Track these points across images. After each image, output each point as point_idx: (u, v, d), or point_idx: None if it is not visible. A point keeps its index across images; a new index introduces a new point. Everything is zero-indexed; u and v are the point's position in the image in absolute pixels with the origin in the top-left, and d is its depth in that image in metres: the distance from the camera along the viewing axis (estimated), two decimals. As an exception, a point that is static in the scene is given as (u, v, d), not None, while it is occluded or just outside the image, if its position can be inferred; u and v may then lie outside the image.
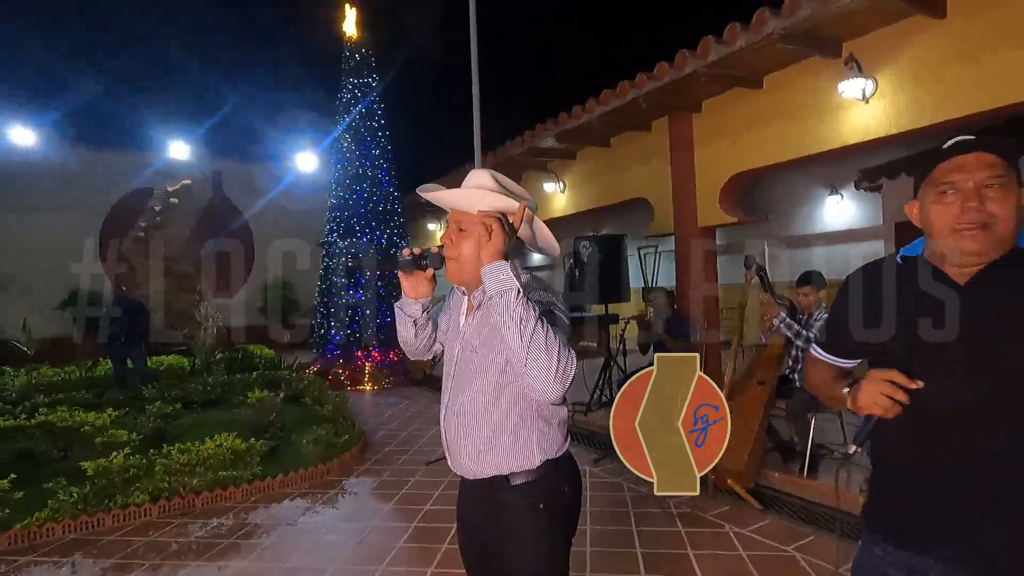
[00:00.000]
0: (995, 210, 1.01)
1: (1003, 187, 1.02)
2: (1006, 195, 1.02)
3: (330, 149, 10.41)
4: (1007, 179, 1.02)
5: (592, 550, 3.00)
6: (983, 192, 1.02)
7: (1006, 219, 1.01)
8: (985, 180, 1.02)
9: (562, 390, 1.24)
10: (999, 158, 1.03)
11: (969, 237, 1.03)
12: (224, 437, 4.22)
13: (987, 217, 1.01)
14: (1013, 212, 1.02)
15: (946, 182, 1.06)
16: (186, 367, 8.54)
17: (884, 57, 4.26)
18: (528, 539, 1.39)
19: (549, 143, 7.30)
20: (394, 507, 3.78)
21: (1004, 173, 1.02)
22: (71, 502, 3.52)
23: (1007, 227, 1.02)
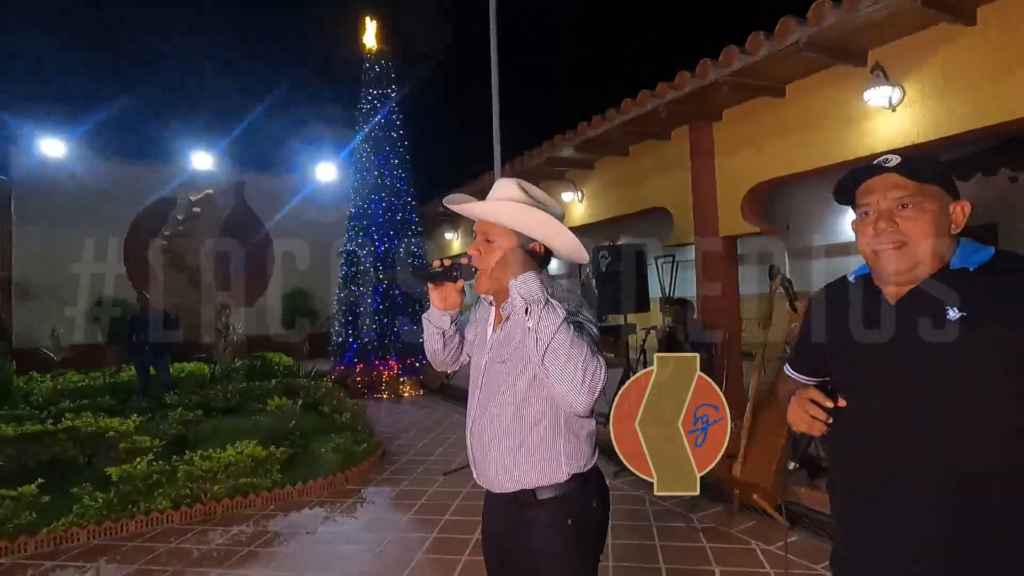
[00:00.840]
0: (908, 229, 1.04)
1: (916, 207, 1.03)
2: (919, 214, 1.03)
3: (349, 159, 10.55)
4: (919, 199, 1.03)
5: (615, 565, 2.94)
6: (897, 212, 1.05)
7: (920, 238, 1.03)
8: (895, 201, 1.05)
9: (591, 400, 1.23)
10: (908, 179, 1.04)
11: (884, 257, 1.06)
12: (245, 444, 4.25)
13: (901, 236, 1.04)
14: (929, 231, 1.03)
15: (862, 204, 1.11)
16: (207, 374, 8.65)
17: (911, 65, 4.19)
18: (555, 556, 1.36)
19: (568, 153, 7.30)
20: (413, 517, 3.76)
21: (914, 193, 1.03)
22: (96, 507, 3.56)
23: (923, 246, 1.03)
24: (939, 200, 1.05)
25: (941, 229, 1.05)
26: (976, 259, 1.04)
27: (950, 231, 1.07)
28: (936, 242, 1.04)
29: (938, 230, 1.04)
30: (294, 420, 5.25)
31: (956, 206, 1.07)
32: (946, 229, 1.06)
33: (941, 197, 1.06)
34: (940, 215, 1.05)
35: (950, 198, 1.07)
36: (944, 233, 1.05)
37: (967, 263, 1.04)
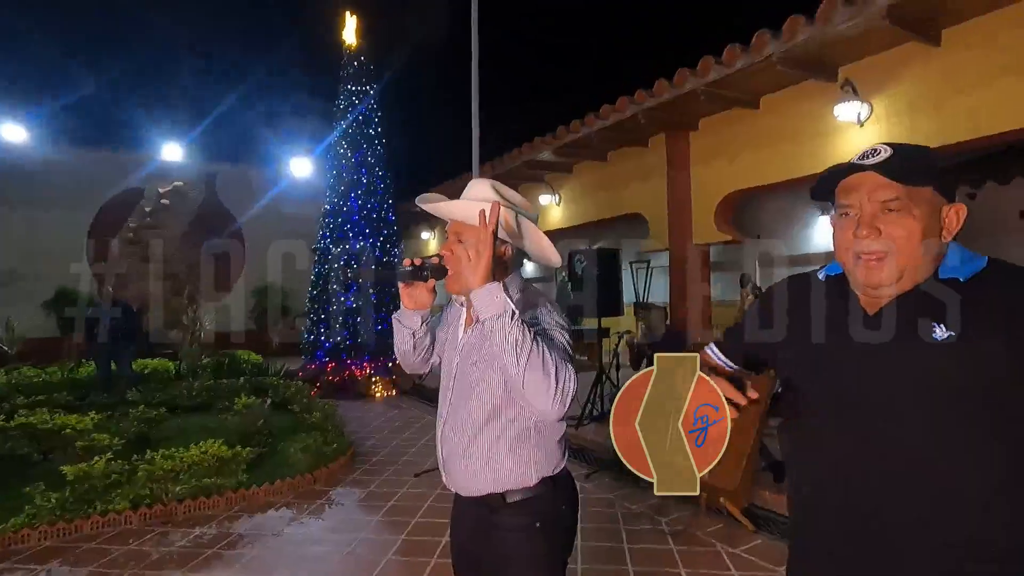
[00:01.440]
0: (892, 237, 0.91)
1: (903, 212, 0.91)
2: (904, 221, 0.91)
3: (325, 155, 10.39)
4: (907, 203, 0.91)
5: (584, 567, 2.96)
6: (881, 217, 0.92)
7: (906, 248, 0.91)
8: (880, 205, 0.92)
9: (563, 410, 1.22)
10: (896, 182, 0.91)
11: (863, 267, 0.94)
12: (209, 444, 4.14)
13: (885, 246, 0.92)
14: (916, 239, 0.90)
15: (843, 203, 0.97)
16: (171, 371, 8.41)
17: (879, 83, 4.34)
18: (524, 559, 1.36)
19: (546, 156, 7.34)
20: (382, 519, 3.72)
21: (901, 197, 0.91)
22: (49, 508, 3.42)
23: (907, 257, 0.91)
24: (931, 204, 0.92)
25: (931, 236, 0.92)
26: (968, 269, 0.92)
27: (941, 237, 0.93)
28: (924, 251, 0.92)
29: (927, 237, 0.91)
30: (262, 419, 5.14)
31: (950, 210, 0.94)
32: (936, 236, 0.93)
33: (933, 200, 0.93)
34: (931, 221, 0.92)
35: (944, 200, 0.94)
36: (934, 240, 0.92)
37: (958, 273, 0.92)
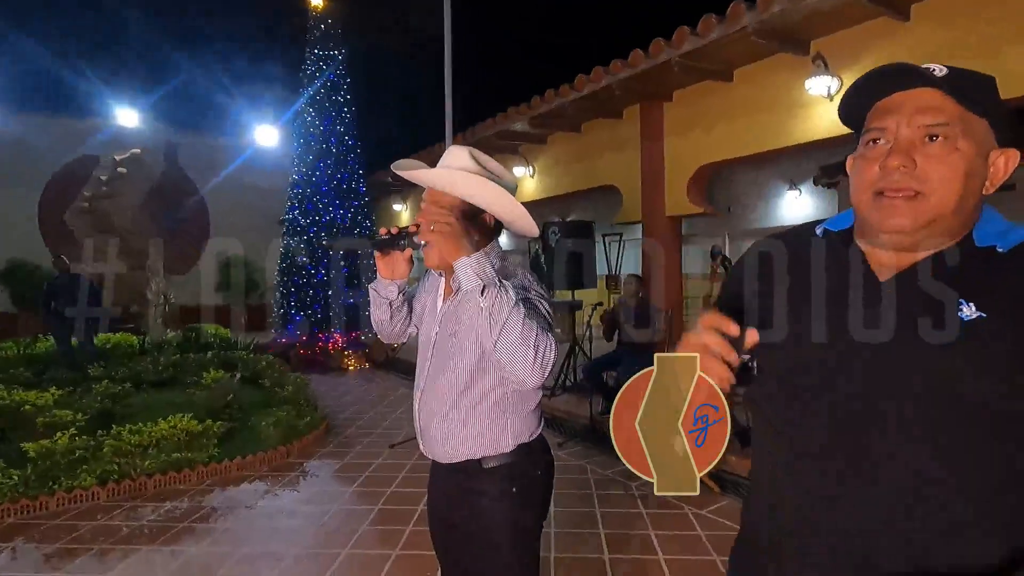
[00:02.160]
0: (929, 173, 0.72)
1: (946, 143, 0.72)
2: (950, 155, 0.71)
3: (292, 123, 10.04)
4: (954, 132, 0.71)
5: (557, 531, 3.04)
6: (920, 147, 0.73)
7: (943, 188, 0.71)
8: (923, 130, 0.73)
9: (542, 378, 1.22)
10: (952, 99, 0.72)
11: (888, 207, 0.74)
12: (178, 418, 4.06)
13: (917, 182, 0.72)
14: (958, 180, 0.71)
15: (873, 128, 0.77)
16: (135, 346, 8.18)
17: (849, 57, 4.38)
18: (500, 524, 1.38)
19: (520, 127, 7.25)
20: (357, 490, 3.74)
21: (952, 123, 0.72)
22: (11, 485, 3.33)
23: (946, 199, 0.72)
24: (982, 141, 0.73)
25: (974, 182, 0.73)
26: (1010, 238, 0.73)
27: (982, 189, 0.75)
28: (963, 199, 0.72)
29: (970, 182, 0.72)
30: (232, 394, 5.06)
31: (1000, 154, 0.75)
32: (981, 184, 0.74)
33: (985, 137, 0.74)
34: (977, 162, 0.73)
35: (994, 141, 0.75)
36: (976, 189, 0.74)
37: (998, 241, 0.73)
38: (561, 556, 2.81)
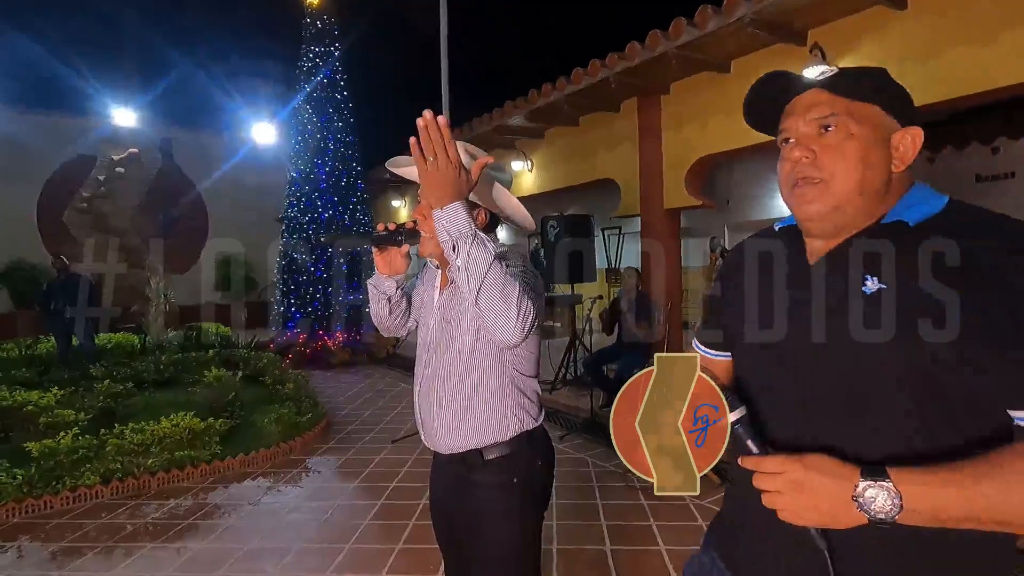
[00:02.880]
0: (826, 161, 0.79)
1: (840, 130, 0.78)
2: (844, 142, 0.78)
3: (290, 120, 10.02)
4: (843, 121, 0.78)
5: (559, 523, 3.06)
6: (817, 138, 0.80)
7: (841, 173, 0.78)
8: (816, 124, 0.80)
9: (524, 335, 1.16)
10: (833, 94, 0.80)
11: (798, 196, 0.81)
12: (181, 416, 4.08)
13: (818, 171, 0.79)
14: (855, 164, 0.77)
15: (781, 130, 0.86)
16: (136, 345, 8.19)
17: (847, 46, 4.37)
18: (501, 515, 1.39)
19: (518, 121, 7.23)
20: (359, 485, 3.76)
21: (838, 113, 0.79)
22: (15, 485, 3.35)
23: (844, 185, 0.78)
24: (876, 124, 0.79)
25: (875, 163, 0.78)
26: (919, 211, 0.77)
27: (890, 168, 0.79)
28: (865, 182, 0.78)
29: (868, 164, 0.78)
30: (233, 392, 5.07)
31: (903, 134, 0.79)
32: (883, 164, 0.79)
33: (881, 121, 0.79)
34: (875, 144, 0.78)
35: (896, 123, 0.80)
36: (879, 169, 0.78)
37: (905, 216, 0.78)
38: (563, 548, 2.83)
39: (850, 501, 0.69)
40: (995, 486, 0.64)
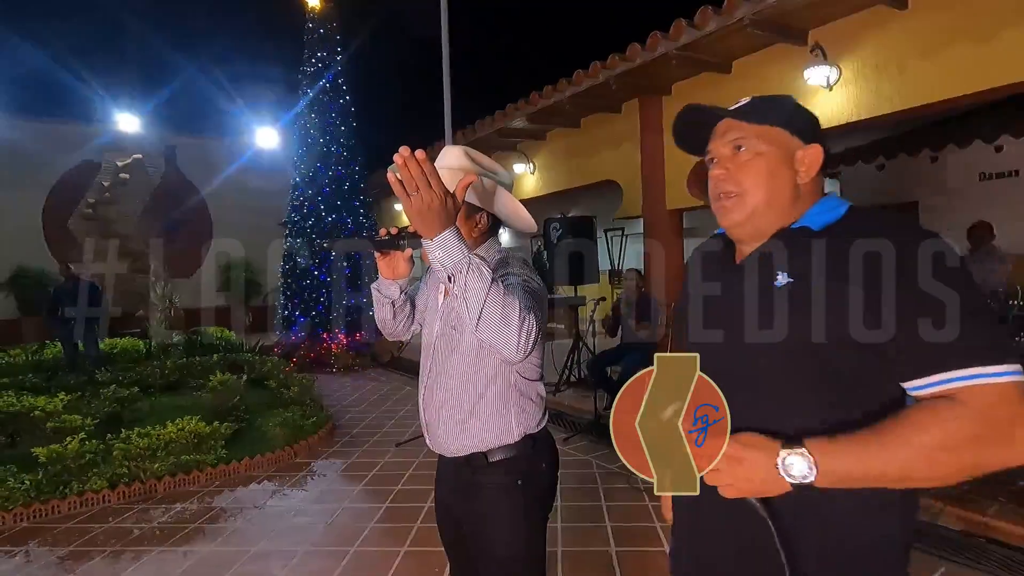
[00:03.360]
0: (739, 176, 0.93)
1: (750, 150, 0.92)
2: (753, 159, 0.92)
3: (292, 125, 10.07)
4: (752, 143, 0.92)
5: (564, 525, 3.06)
6: (732, 158, 0.94)
7: (752, 186, 0.92)
8: (731, 145, 0.95)
9: (527, 350, 1.16)
10: (741, 121, 0.95)
11: (718, 208, 0.96)
12: (187, 421, 4.10)
13: (735, 185, 0.93)
14: (762, 178, 0.91)
15: (707, 152, 1.00)
16: (141, 350, 8.23)
17: (848, 45, 4.37)
18: (506, 517, 1.40)
19: (519, 123, 7.25)
20: (364, 488, 3.77)
21: (748, 136, 0.93)
22: (23, 490, 3.37)
23: (756, 195, 0.91)
24: (781, 144, 0.93)
25: (780, 177, 0.92)
26: (823, 218, 0.90)
27: (796, 181, 0.93)
28: (773, 193, 0.91)
29: (775, 177, 0.91)
30: (238, 396, 5.09)
31: (803, 152, 0.93)
32: (789, 178, 0.92)
33: (785, 142, 0.93)
34: (780, 160, 0.92)
35: (799, 143, 0.93)
36: (785, 182, 0.92)
37: (811, 222, 0.90)
38: (568, 550, 2.83)
39: (775, 469, 0.78)
40: (892, 447, 0.75)
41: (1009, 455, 0.73)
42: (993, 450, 0.73)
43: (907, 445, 0.74)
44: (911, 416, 0.77)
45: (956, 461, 0.74)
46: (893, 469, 0.75)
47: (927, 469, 0.75)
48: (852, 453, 0.76)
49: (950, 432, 0.73)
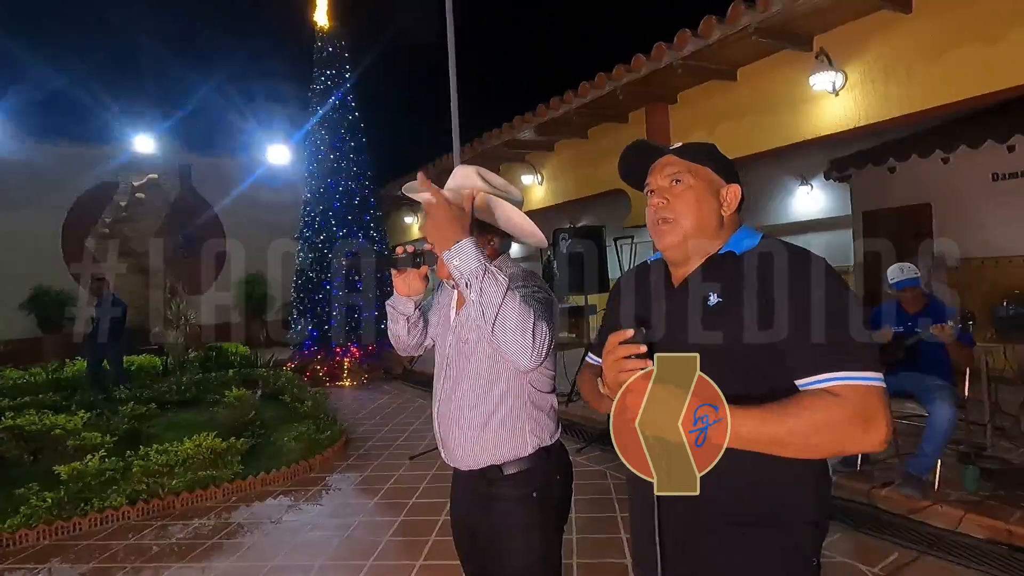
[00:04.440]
0: (675, 205, 1.07)
1: (683, 183, 1.07)
2: (686, 191, 1.07)
3: (303, 141, 10.21)
4: (687, 177, 1.07)
5: (579, 537, 3.05)
6: (669, 189, 1.08)
7: (685, 214, 1.06)
8: (669, 178, 1.09)
9: (540, 360, 1.21)
10: (678, 157, 1.10)
11: (656, 232, 1.09)
12: (203, 437, 4.15)
13: (671, 212, 1.07)
14: (693, 207, 1.06)
15: (647, 183, 1.14)
16: (159, 367, 8.34)
17: (853, 51, 4.37)
18: (521, 529, 1.41)
19: (527, 135, 7.30)
20: (379, 502, 3.78)
21: (683, 171, 1.08)
22: (45, 507, 3.43)
23: (689, 223, 1.06)
24: (709, 181, 1.09)
25: (708, 208, 1.07)
26: (742, 244, 1.06)
27: (721, 213, 1.09)
28: (702, 220, 1.06)
29: (704, 208, 1.07)
30: (253, 411, 5.14)
31: (726, 189, 1.09)
32: (715, 209, 1.08)
33: (712, 179, 1.09)
34: (708, 194, 1.08)
35: (722, 181, 1.10)
36: (711, 213, 1.07)
37: (735, 248, 1.06)
38: (584, 561, 2.82)
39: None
40: (787, 417, 0.88)
41: (865, 440, 0.88)
42: (857, 433, 0.88)
43: (797, 417, 0.88)
44: (803, 398, 0.91)
45: (829, 436, 0.88)
46: (783, 433, 0.88)
47: (808, 437, 0.88)
48: (756, 417, 0.89)
49: (832, 413, 0.88)
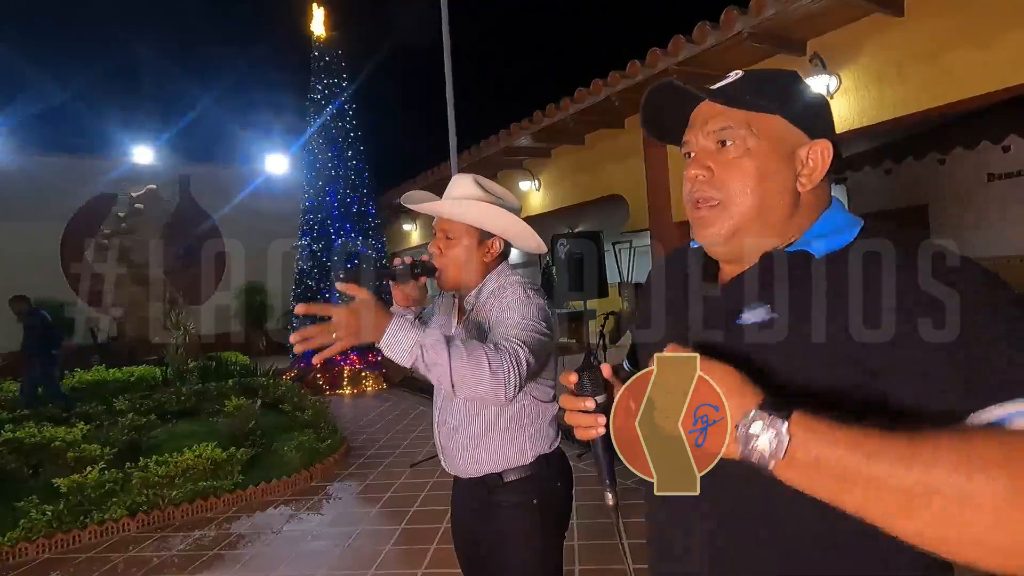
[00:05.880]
0: (723, 179, 0.71)
1: (735, 146, 0.70)
2: (741, 158, 0.70)
3: (301, 151, 10.26)
4: (740, 135, 0.70)
5: (580, 543, 3.04)
6: (714, 154, 0.72)
7: (738, 194, 0.70)
8: (714, 137, 0.72)
9: (513, 393, 1.19)
10: (729, 107, 0.71)
11: (698, 219, 0.74)
12: (203, 447, 4.14)
13: (716, 191, 0.71)
14: (752, 182, 0.69)
15: (684, 142, 0.77)
16: (158, 377, 8.33)
17: (846, 55, 4.40)
18: (522, 537, 1.41)
19: (524, 142, 7.33)
20: (380, 510, 3.77)
21: (734, 126, 0.70)
22: (45, 520, 3.41)
23: (744, 205, 0.70)
24: (777, 138, 0.70)
25: (775, 182, 0.70)
26: (829, 242, 0.69)
27: (795, 187, 0.71)
28: (765, 202, 0.70)
29: (769, 182, 0.69)
30: (254, 420, 5.13)
31: (810, 148, 0.70)
32: (786, 183, 0.70)
33: (783, 134, 0.70)
34: (775, 160, 0.70)
35: (804, 137, 0.71)
36: (781, 189, 0.70)
37: (811, 247, 0.70)
38: (586, 568, 2.81)
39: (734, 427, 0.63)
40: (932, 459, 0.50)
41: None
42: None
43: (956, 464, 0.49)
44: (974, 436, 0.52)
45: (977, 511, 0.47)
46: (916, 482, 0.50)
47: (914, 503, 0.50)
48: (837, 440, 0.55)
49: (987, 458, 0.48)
